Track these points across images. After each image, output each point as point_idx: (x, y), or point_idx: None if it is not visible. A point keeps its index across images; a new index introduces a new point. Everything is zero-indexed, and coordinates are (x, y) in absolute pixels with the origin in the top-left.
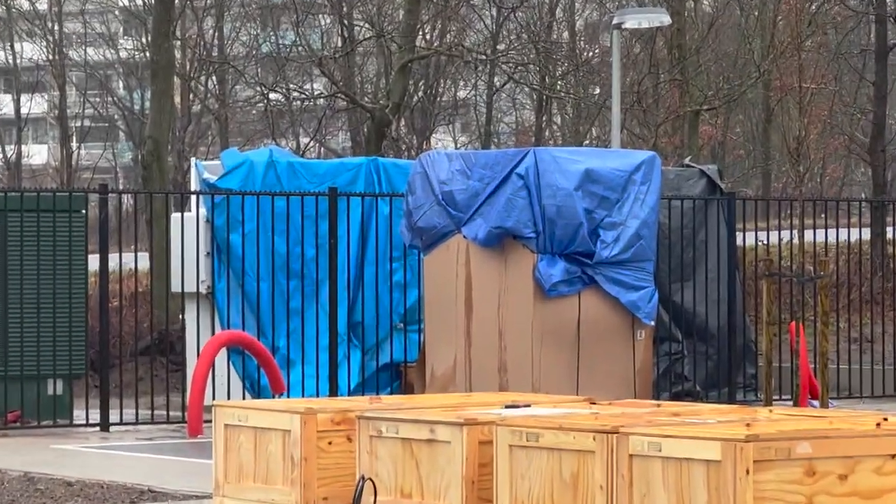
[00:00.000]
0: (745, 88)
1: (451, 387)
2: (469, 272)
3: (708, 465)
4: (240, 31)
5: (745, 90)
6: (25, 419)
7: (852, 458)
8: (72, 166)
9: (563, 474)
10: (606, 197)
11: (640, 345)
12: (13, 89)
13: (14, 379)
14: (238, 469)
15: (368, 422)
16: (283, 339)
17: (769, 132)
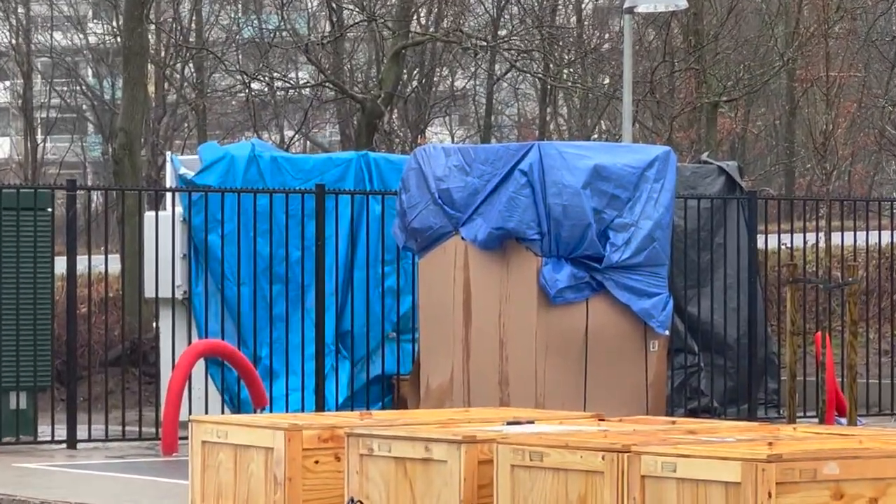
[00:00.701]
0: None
1: (448, 401)
2: (468, 277)
3: (727, 488)
4: (219, 15)
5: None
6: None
7: (884, 481)
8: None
9: (570, 497)
10: (617, 196)
11: (653, 356)
12: None
13: None
14: (216, 490)
15: (358, 439)
16: (265, 349)
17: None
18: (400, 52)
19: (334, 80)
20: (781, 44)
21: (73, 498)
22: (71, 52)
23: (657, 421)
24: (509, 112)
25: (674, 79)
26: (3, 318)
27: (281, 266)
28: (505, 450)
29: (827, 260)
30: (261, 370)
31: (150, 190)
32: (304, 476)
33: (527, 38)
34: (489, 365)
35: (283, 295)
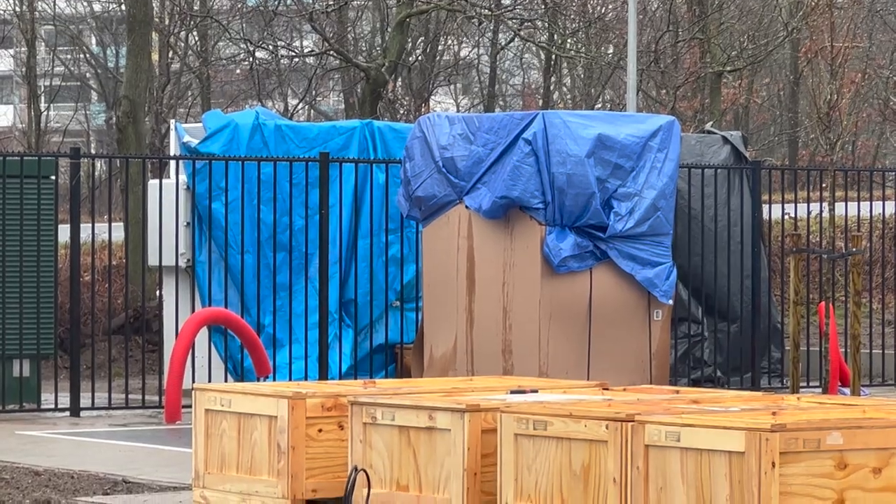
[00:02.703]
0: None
1: (452, 370)
2: (471, 246)
3: (730, 457)
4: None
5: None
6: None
7: (888, 451)
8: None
9: (573, 466)
10: (621, 165)
11: (657, 326)
12: None
13: None
14: (220, 458)
15: (362, 408)
16: (269, 318)
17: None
18: (404, 20)
19: (339, 49)
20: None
21: (77, 465)
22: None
23: (661, 390)
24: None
25: (678, 48)
26: (7, 286)
27: (285, 234)
28: (508, 419)
29: (831, 230)
30: (264, 339)
31: (153, 158)
32: (307, 444)
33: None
34: (493, 334)
35: (286, 263)
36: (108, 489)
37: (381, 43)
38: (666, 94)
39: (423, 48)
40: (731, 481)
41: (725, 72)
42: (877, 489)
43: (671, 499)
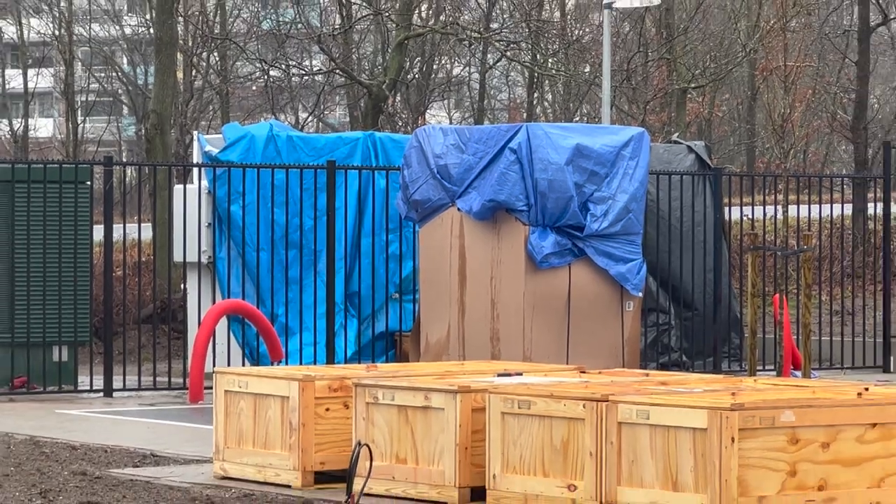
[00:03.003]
0: (732, 67)
1: (445, 355)
2: (463, 244)
3: (694, 433)
4: (241, 9)
5: (731, 69)
6: (31, 385)
7: (834, 427)
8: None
9: (554, 441)
10: (596, 172)
11: (629, 315)
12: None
13: (20, 346)
14: (238, 434)
15: (365, 389)
16: (281, 308)
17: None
18: (403, 42)
19: (344, 68)
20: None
21: (110, 441)
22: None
23: (632, 373)
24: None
25: (647, 67)
26: (48, 280)
27: (295, 234)
28: (496, 399)
29: (784, 230)
30: (277, 327)
31: (178, 165)
32: (316, 422)
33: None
34: (482, 323)
35: (297, 260)
36: (137, 462)
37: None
38: (636, 108)
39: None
40: (695, 455)
41: (690, 88)
42: (825, 462)
43: (641, 471)
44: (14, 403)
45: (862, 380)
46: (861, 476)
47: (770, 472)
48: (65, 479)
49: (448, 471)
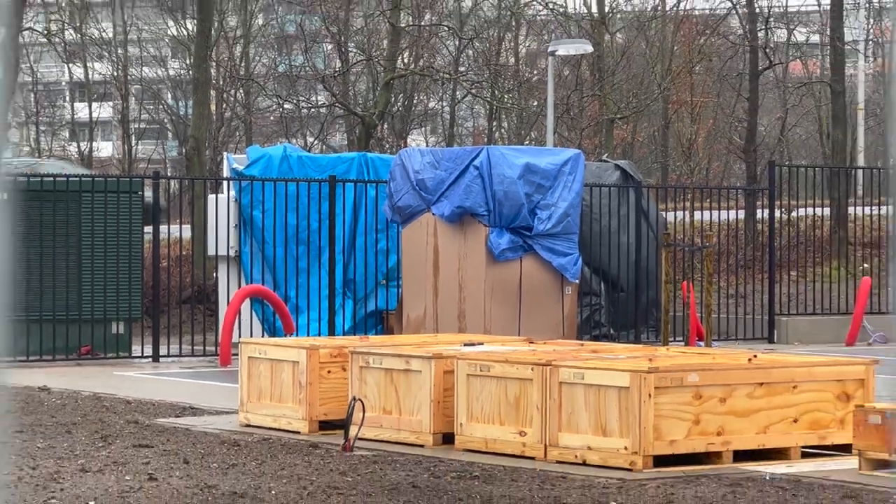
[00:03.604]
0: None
1: (422, 329)
2: (436, 241)
3: (619, 391)
4: (261, 55)
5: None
6: (94, 352)
7: (730, 386)
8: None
9: (508, 397)
10: (542, 184)
11: (568, 298)
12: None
13: (86, 321)
14: (258, 391)
15: (359, 355)
16: (293, 291)
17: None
18: (389, 82)
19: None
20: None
21: (157, 396)
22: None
23: (570, 344)
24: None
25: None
26: (108, 271)
27: (304, 233)
28: (463, 363)
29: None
30: (289, 306)
31: (212, 179)
32: (320, 382)
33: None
34: (451, 304)
35: (305, 253)
36: (178, 413)
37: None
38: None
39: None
40: (620, 408)
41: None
42: (722, 413)
43: (578, 420)
44: (81, 367)
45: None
46: (750, 424)
47: (679, 421)
48: (121, 427)
49: (424, 420)
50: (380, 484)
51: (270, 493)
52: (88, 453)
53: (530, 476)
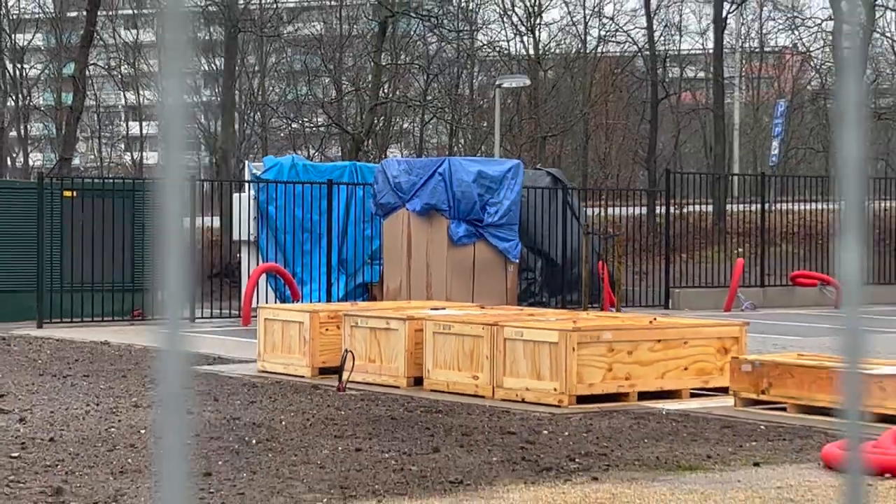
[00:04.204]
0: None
1: (399, 297)
2: (409, 231)
3: (551, 345)
4: (274, 86)
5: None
6: (144, 315)
7: (635, 342)
8: None
9: (465, 349)
10: (491, 186)
11: (510, 274)
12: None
13: (138, 290)
14: (272, 345)
15: (350, 317)
16: (299, 268)
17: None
18: (373, 107)
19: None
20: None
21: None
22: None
23: (513, 309)
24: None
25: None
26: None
27: (308, 223)
28: (430, 324)
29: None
30: (296, 280)
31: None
32: (320, 337)
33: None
34: (421, 278)
35: (309, 239)
36: (210, 361)
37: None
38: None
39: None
40: (551, 358)
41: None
42: (629, 363)
43: (518, 368)
44: (133, 326)
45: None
46: (651, 371)
47: (596, 369)
48: None
49: (400, 367)
50: (366, 416)
51: (281, 424)
52: (140, 393)
53: (482, 410)
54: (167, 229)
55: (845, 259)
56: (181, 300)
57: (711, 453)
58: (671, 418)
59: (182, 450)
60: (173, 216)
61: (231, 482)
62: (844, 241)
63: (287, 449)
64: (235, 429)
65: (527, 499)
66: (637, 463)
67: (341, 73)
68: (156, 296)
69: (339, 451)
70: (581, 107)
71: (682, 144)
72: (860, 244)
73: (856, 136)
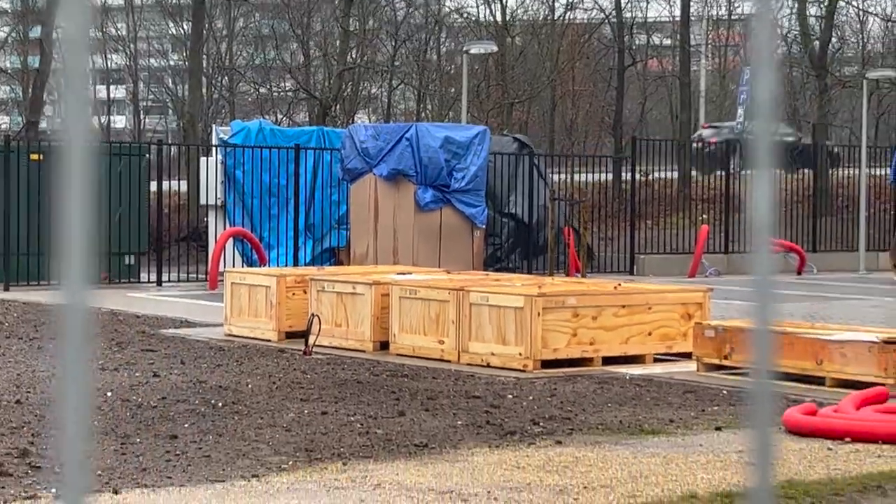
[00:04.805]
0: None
1: (365, 262)
2: (377, 196)
3: (516, 310)
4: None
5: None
6: (111, 278)
7: (600, 307)
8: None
9: (430, 314)
10: (458, 152)
11: (477, 239)
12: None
13: (104, 254)
14: (239, 309)
15: (317, 282)
16: (266, 232)
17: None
18: (341, 72)
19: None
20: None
21: (160, 313)
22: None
23: (479, 274)
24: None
25: (489, 90)
26: (122, 216)
27: (275, 188)
28: (396, 288)
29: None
30: (263, 244)
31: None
32: (286, 301)
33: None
34: (387, 242)
35: (276, 203)
36: (177, 325)
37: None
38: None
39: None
40: (516, 323)
41: (515, 102)
42: (594, 328)
43: (484, 332)
44: (100, 290)
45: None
46: (615, 336)
47: (561, 334)
48: (131, 335)
49: (366, 331)
50: (332, 380)
51: (247, 387)
52: (106, 356)
53: (447, 374)
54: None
55: (757, 196)
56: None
57: (674, 417)
58: (634, 383)
59: (83, 407)
60: (76, 174)
61: (197, 445)
62: (757, 177)
63: (253, 412)
64: (202, 392)
65: (491, 462)
66: (600, 427)
67: (309, 38)
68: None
69: (305, 415)
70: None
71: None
72: (771, 181)
73: (767, 78)
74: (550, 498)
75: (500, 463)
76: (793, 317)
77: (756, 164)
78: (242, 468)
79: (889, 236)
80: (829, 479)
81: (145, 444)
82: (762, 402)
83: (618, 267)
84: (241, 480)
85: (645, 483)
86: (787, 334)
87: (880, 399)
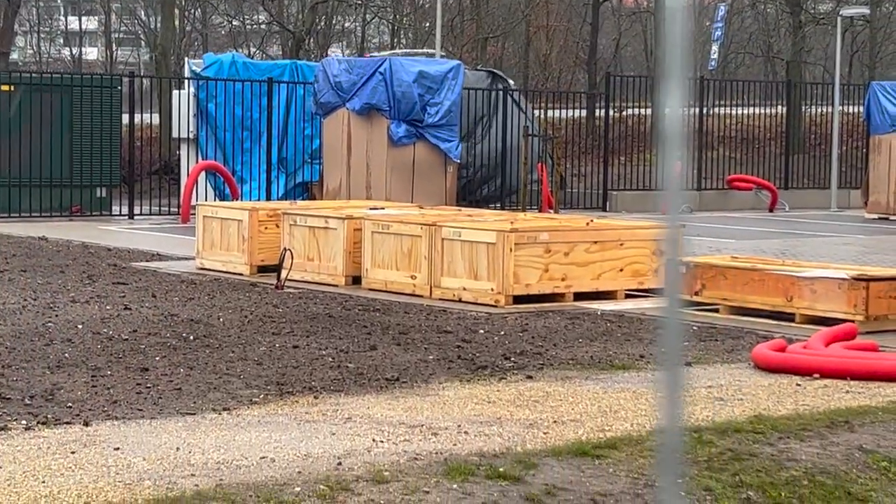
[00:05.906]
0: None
1: (338, 197)
2: (349, 130)
3: (488, 246)
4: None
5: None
6: (83, 211)
7: (572, 243)
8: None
9: (403, 249)
10: (431, 87)
11: (450, 174)
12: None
13: (76, 187)
14: (211, 243)
15: (289, 216)
16: (239, 166)
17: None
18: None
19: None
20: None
21: (132, 245)
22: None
23: (451, 209)
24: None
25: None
26: (93, 150)
27: (248, 121)
28: (368, 223)
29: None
30: (236, 178)
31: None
32: (259, 235)
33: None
34: (360, 177)
35: (249, 137)
36: (148, 258)
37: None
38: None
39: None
40: (489, 259)
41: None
42: (566, 264)
43: (456, 268)
44: (72, 222)
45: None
46: (587, 272)
47: (533, 269)
48: (103, 268)
49: (339, 266)
50: (304, 314)
51: (219, 321)
52: (77, 289)
53: (419, 309)
54: None
55: (669, 104)
56: None
57: (644, 353)
58: (606, 318)
59: None
60: None
61: (168, 378)
62: (666, 87)
63: (224, 345)
64: (173, 325)
65: (462, 396)
66: (571, 362)
67: None
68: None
69: (277, 348)
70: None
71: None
72: (683, 91)
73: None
74: (520, 432)
75: (470, 397)
76: (764, 253)
77: (669, 72)
78: (213, 401)
79: (861, 174)
80: (797, 415)
81: (116, 376)
82: (672, 337)
83: (591, 203)
84: (212, 413)
85: (614, 417)
86: (757, 270)
87: (849, 336)
